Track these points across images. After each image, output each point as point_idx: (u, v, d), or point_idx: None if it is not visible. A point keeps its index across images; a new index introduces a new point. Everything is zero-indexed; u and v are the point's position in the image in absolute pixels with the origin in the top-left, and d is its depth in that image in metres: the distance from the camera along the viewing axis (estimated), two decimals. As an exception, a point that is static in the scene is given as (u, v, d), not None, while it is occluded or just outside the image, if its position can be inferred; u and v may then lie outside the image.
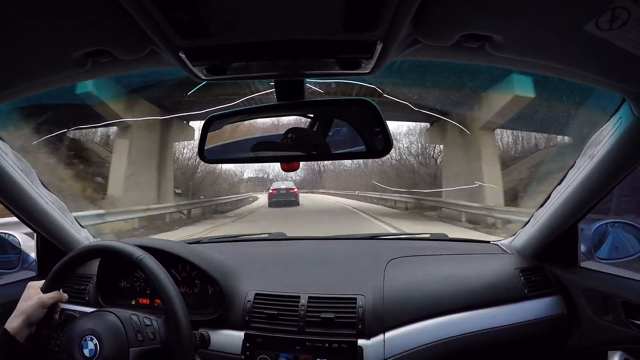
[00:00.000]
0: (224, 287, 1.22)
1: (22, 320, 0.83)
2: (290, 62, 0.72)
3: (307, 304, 1.15)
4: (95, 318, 0.82)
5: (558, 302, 1.25)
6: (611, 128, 0.95)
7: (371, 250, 1.50)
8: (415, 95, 10.73)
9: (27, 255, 1.44)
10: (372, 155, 0.84)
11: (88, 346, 0.77)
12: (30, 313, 0.84)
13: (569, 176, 1.14)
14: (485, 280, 1.26)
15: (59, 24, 0.62)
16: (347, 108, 0.88)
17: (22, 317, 0.83)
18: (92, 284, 1.35)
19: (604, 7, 0.55)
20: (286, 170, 0.91)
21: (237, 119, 0.92)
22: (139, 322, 0.83)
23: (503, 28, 0.63)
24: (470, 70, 9.11)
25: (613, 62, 0.69)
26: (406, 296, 1.20)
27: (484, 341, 1.16)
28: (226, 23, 0.61)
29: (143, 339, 0.81)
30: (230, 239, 1.80)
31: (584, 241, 1.27)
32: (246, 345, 1.14)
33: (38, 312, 0.85)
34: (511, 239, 1.49)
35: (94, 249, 0.93)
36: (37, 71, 0.76)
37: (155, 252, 1.04)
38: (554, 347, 1.26)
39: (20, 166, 1.15)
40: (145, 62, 0.77)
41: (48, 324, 0.88)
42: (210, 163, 0.95)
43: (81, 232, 1.45)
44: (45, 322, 0.87)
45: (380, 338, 1.11)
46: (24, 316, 0.84)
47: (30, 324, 0.84)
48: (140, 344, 0.80)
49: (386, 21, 0.58)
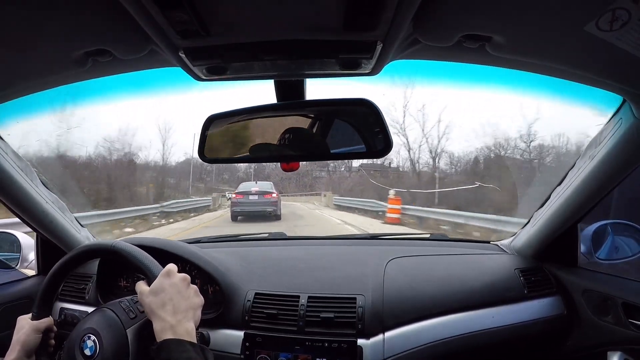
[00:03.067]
0: (223, 286, 1.22)
1: (19, 350, 0.83)
2: (290, 62, 0.72)
3: (307, 304, 1.15)
4: (90, 317, 0.83)
5: (558, 302, 1.25)
6: (611, 129, 0.95)
7: (371, 250, 1.50)
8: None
9: (27, 255, 1.44)
10: (372, 155, 0.84)
11: (87, 345, 0.77)
12: (26, 341, 0.84)
13: (569, 176, 1.14)
14: (485, 281, 1.27)
15: (60, 24, 0.62)
16: (347, 108, 0.88)
17: (18, 347, 0.83)
18: (92, 283, 1.35)
19: (605, 7, 0.55)
20: (286, 170, 0.91)
21: (237, 119, 0.91)
22: (128, 304, 0.85)
23: (503, 28, 0.63)
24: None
25: (613, 63, 0.69)
26: (406, 296, 1.20)
27: (483, 341, 1.17)
28: (226, 23, 0.61)
29: (135, 315, 0.82)
30: (230, 239, 1.81)
31: (584, 242, 1.27)
32: (246, 345, 1.14)
33: (33, 339, 0.85)
34: (511, 239, 1.49)
35: (74, 256, 0.93)
36: (37, 70, 0.77)
37: (155, 251, 1.04)
38: (553, 347, 1.26)
39: (21, 165, 1.15)
40: (146, 61, 0.77)
41: (45, 350, 0.88)
42: (209, 163, 0.95)
43: (81, 232, 1.45)
44: (42, 350, 0.87)
45: (380, 338, 1.11)
46: (20, 346, 0.83)
47: (27, 353, 0.84)
48: (134, 321, 0.81)
49: (386, 21, 0.58)
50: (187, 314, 0.76)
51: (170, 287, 0.77)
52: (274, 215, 11.01)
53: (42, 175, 1.25)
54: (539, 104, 12.40)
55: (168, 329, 0.72)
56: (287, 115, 0.91)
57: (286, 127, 0.89)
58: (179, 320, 0.73)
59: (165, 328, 0.72)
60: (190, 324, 0.75)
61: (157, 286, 0.77)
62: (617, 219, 1.31)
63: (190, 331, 0.74)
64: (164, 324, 0.73)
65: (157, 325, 0.73)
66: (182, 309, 0.75)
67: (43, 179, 1.26)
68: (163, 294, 0.76)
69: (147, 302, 0.76)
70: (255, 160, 0.95)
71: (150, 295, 0.76)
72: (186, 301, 0.77)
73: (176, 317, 0.74)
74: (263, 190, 11.47)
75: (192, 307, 0.78)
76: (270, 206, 11.00)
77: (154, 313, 0.74)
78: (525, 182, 11.02)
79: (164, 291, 0.76)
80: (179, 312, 0.75)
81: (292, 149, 0.91)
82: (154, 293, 0.76)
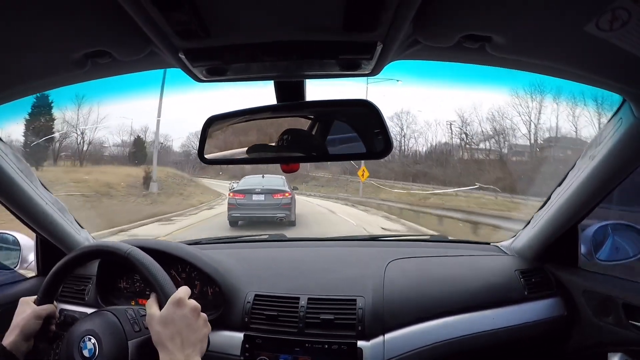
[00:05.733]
0: (223, 288, 1.22)
1: (18, 333, 0.82)
2: (290, 63, 0.72)
3: (307, 305, 1.15)
4: (92, 318, 0.82)
5: (558, 303, 1.25)
6: (611, 129, 0.95)
7: (371, 252, 1.49)
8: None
9: (27, 256, 1.44)
10: (372, 156, 0.84)
11: (87, 346, 0.76)
12: (25, 326, 0.83)
13: (569, 177, 1.14)
14: (485, 282, 1.26)
15: (59, 25, 0.62)
16: (347, 109, 0.88)
17: (17, 331, 0.82)
18: (92, 285, 1.34)
19: (605, 7, 0.55)
20: (286, 171, 0.91)
21: (237, 120, 0.91)
22: (134, 315, 0.83)
23: (503, 29, 0.63)
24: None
25: (613, 63, 0.69)
26: (406, 298, 1.19)
27: (483, 343, 1.16)
28: (226, 24, 0.61)
29: (140, 329, 0.81)
30: (229, 240, 1.81)
31: (584, 242, 1.27)
32: (246, 347, 1.14)
33: (33, 324, 0.84)
34: (511, 241, 1.49)
35: (86, 252, 0.93)
36: (36, 72, 0.76)
37: (155, 253, 1.03)
38: (554, 348, 1.25)
39: (20, 167, 1.15)
40: (145, 63, 0.77)
41: (45, 336, 0.88)
42: (209, 164, 0.95)
43: (81, 233, 1.45)
44: (41, 335, 0.86)
45: (380, 339, 1.10)
46: (19, 329, 0.83)
47: (26, 337, 0.83)
48: (137, 335, 0.80)
49: (386, 22, 0.58)
50: (195, 348, 0.75)
51: (180, 319, 0.76)
52: (287, 221, 8.12)
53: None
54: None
55: None
56: (287, 116, 0.91)
57: (286, 128, 0.89)
58: (187, 355, 0.73)
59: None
60: (198, 359, 0.75)
61: (167, 316, 0.76)
62: (618, 220, 1.31)
63: None
64: (172, 357, 0.72)
65: (164, 358, 0.73)
66: (191, 343, 0.75)
67: (42, 180, 1.26)
68: (173, 326, 0.75)
69: (156, 331, 0.75)
70: (255, 161, 0.94)
71: (159, 324, 0.75)
72: (195, 334, 0.76)
73: (185, 352, 0.73)
74: (272, 188, 8.26)
75: (200, 340, 0.77)
76: (280, 210, 8.02)
77: (163, 344, 0.74)
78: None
79: (173, 322, 0.75)
80: (187, 346, 0.74)
81: (292, 150, 0.91)
82: (163, 324, 0.75)
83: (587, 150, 1.06)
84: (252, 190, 8.30)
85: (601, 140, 0.99)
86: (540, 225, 1.29)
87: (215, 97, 16.35)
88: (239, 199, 8.25)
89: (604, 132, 0.98)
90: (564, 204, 1.17)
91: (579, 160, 1.09)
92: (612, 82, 0.77)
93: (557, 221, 1.22)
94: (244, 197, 8.23)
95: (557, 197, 1.20)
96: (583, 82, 0.78)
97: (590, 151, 1.04)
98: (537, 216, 1.32)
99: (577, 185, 1.09)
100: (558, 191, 1.19)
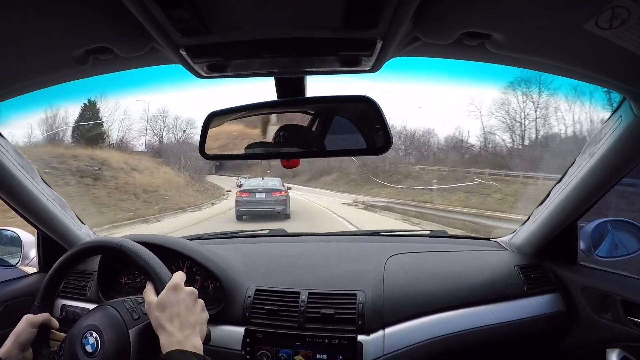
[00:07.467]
0: (224, 282, 1.22)
1: (11, 342, 0.82)
2: (290, 59, 0.72)
3: (307, 300, 1.16)
4: (92, 314, 0.83)
5: (557, 299, 1.25)
6: (611, 126, 0.95)
7: (371, 247, 1.50)
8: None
9: (28, 252, 1.44)
10: (372, 152, 0.84)
11: (89, 342, 0.77)
12: (19, 335, 0.83)
13: (568, 174, 1.14)
14: (484, 277, 1.27)
15: (61, 22, 0.62)
16: (347, 105, 0.88)
17: (11, 340, 0.83)
18: (93, 280, 1.35)
19: (604, 5, 0.55)
20: (286, 166, 0.91)
21: (237, 115, 0.92)
22: (132, 304, 0.84)
23: (503, 26, 0.63)
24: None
25: (613, 61, 0.69)
26: (406, 293, 1.20)
27: (483, 338, 1.17)
28: (226, 21, 0.61)
29: (139, 316, 0.82)
30: (230, 235, 1.81)
31: (584, 239, 1.27)
32: (246, 341, 1.15)
33: (27, 333, 0.84)
34: (511, 236, 1.49)
35: (79, 251, 0.93)
36: (38, 69, 0.77)
37: (156, 248, 1.04)
38: (552, 344, 1.26)
39: (21, 163, 1.15)
40: (146, 59, 0.77)
41: (45, 344, 0.88)
42: (210, 159, 0.95)
43: (82, 229, 1.45)
44: (40, 343, 0.86)
45: (380, 334, 1.11)
46: (13, 338, 0.83)
47: (21, 346, 0.83)
48: (136, 322, 0.81)
49: (386, 19, 0.59)
50: (194, 330, 0.76)
51: (178, 302, 0.77)
52: (283, 214, 10.29)
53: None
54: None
55: (175, 343, 0.72)
56: (287, 112, 0.91)
57: (286, 124, 0.90)
58: (186, 336, 0.74)
59: (172, 343, 0.72)
60: (198, 340, 0.75)
61: (165, 300, 0.77)
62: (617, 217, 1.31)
63: (198, 347, 0.74)
64: (172, 338, 0.73)
65: (165, 339, 0.73)
66: (190, 324, 0.76)
67: (43, 176, 1.26)
68: (170, 309, 0.76)
69: (155, 316, 0.76)
70: (256, 157, 0.95)
71: (157, 309, 0.76)
72: (193, 316, 0.77)
73: (184, 333, 0.74)
74: (271, 188, 10.74)
75: (199, 323, 0.78)
76: (278, 205, 10.25)
77: (162, 327, 0.74)
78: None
79: (171, 305, 0.76)
80: (186, 327, 0.75)
81: (292, 145, 0.91)
82: (161, 308, 0.76)
83: (586, 147, 1.06)
84: (255, 190, 10.70)
85: (601, 137, 0.99)
86: (540, 221, 1.29)
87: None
88: (245, 197, 10.56)
89: (603, 130, 0.98)
90: (564, 201, 1.17)
91: (579, 157, 1.09)
92: (612, 80, 0.77)
93: (557, 217, 1.22)
94: (249, 195, 10.55)
95: (556, 193, 1.20)
96: (583, 80, 0.78)
97: (589, 148, 1.04)
98: (536, 212, 1.32)
99: (577, 182, 1.10)
100: (558, 187, 1.20)
